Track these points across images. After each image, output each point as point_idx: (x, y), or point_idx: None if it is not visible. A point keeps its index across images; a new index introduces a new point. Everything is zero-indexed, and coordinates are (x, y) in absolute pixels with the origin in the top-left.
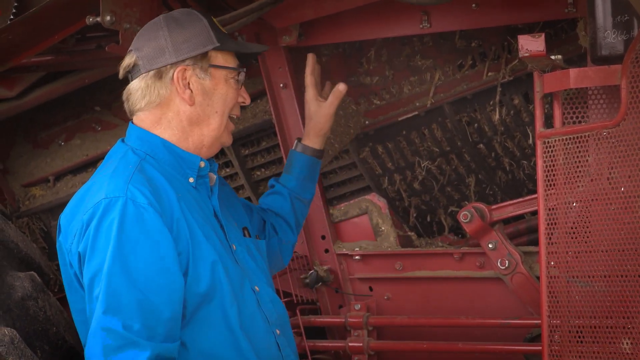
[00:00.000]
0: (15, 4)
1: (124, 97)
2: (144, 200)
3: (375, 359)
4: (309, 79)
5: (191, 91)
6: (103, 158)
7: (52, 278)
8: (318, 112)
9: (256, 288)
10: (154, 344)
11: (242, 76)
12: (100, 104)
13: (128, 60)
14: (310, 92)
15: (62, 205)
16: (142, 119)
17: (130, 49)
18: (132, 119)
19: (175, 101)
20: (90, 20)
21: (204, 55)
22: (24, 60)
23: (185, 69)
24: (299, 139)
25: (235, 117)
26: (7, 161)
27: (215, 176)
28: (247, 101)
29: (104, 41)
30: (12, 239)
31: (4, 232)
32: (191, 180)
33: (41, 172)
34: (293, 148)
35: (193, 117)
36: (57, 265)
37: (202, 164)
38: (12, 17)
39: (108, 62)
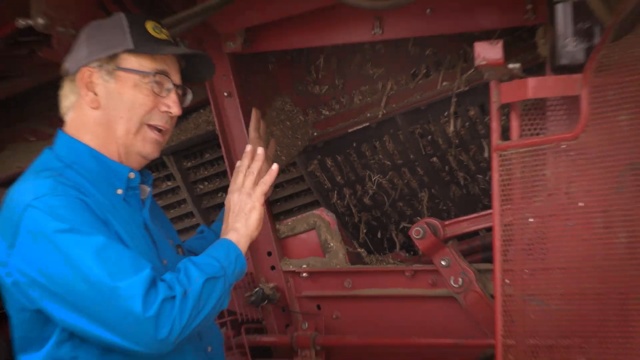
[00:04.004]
0: None
1: None
2: (72, 190)
3: None
4: (252, 134)
5: (95, 93)
6: None
7: None
8: None
9: None
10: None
11: (165, 83)
12: (34, 112)
13: (63, 65)
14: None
15: None
16: (67, 124)
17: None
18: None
19: (82, 104)
20: (21, 23)
21: (113, 58)
22: None
23: (91, 72)
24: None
25: (160, 127)
26: None
27: (148, 189)
28: (174, 111)
29: (37, 45)
30: None
31: None
32: (119, 192)
33: None
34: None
35: (101, 122)
36: None
37: (132, 175)
38: None
39: (42, 69)
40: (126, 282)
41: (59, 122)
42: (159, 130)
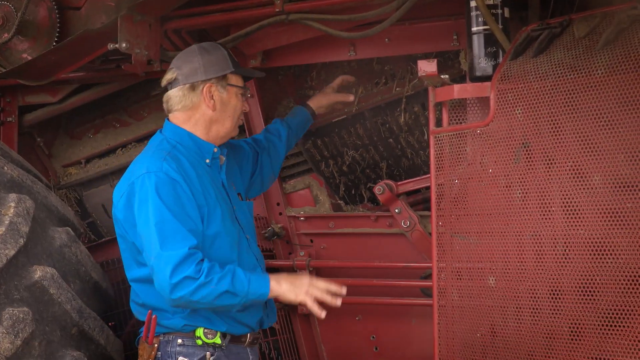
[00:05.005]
0: (57, 34)
1: (164, 100)
2: (174, 173)
3: None
4: (336, 85)
5: (214, 101)
6: (121, 146)
7: (82, 233)
8: (330, 94)
9: (247, 236)
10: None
11: (246, 92)
12: (118, 107)
13: (170, 75)
14: (335, 83)
15: (91, 181)
16: (177, 117)
17: (171, 67)
18: (168, 116)
19: (202, 107)
20: (111, 46)
21: (224, 76)
22: (63, 75)
23: (211, 85)
24: (306, 104)
25: (241, 119)
26: (51, 148)
27: (224, 158)
28: (247, 109)
29: (121, 62)
30: (54, 204)
31: (48, 199)
32: (207, 160)
33: (76, 157)
34: (300, 106)
35: (214, 118)
36: (87, 223)
37: (215, 150)
38: (54, 43)
39: (124, 77)
40: (167, 253)
41: (135, 114)
42: None
